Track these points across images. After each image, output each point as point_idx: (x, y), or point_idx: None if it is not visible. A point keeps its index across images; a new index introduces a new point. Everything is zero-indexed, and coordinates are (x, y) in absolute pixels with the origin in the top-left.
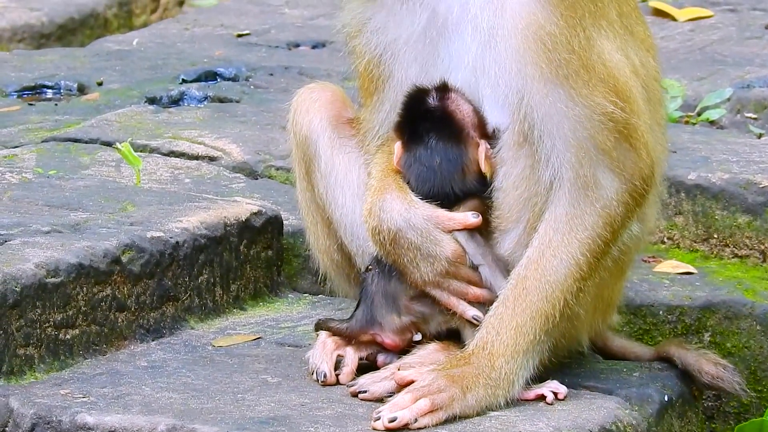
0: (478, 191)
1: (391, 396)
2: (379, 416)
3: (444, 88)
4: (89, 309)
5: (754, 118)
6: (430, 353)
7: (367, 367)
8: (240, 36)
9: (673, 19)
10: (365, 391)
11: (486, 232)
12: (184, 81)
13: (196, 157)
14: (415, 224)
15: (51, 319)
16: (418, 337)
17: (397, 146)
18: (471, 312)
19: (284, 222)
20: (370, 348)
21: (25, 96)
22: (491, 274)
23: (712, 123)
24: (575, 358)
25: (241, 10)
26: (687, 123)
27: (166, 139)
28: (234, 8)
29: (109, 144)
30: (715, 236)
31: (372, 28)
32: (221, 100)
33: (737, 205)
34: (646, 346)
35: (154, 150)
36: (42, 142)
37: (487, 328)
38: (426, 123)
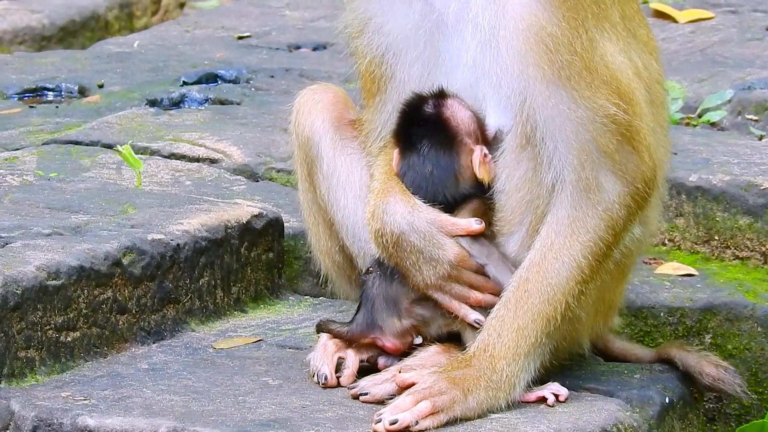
0: (476, 194)
1: (392, 398)
2: (380, 418)
3: (441, 95)
4: (90, 311)
5: (755, 120)
6: (431, 355)
7: (368, 369)
8: (241, 38)
9: (674, 21)
10: (366, 394)
11: (489, 232)
12: (185, 83)
13: (197, 160)
14: (418, 227)
15: (52, 322)
16: (419, 340)
17: (395, 153)
18: (473, 316)
19: (285, 224)
20: (371, 350)
21: (26, 98)
22: (498, 272)
23: (712, 125)
24: (576, 360)
25: (242, 12)
26: (688, 125)
27: (167, 141)
28: (235, 10)
29: (110, 146)
30: (716, 238)
31: (374, 28)
32: (222, 103)
33: (738, 207)
34: (647, 348)
35: (154, 152)
36: (43, 144)
37: (489, 330)
38: (420, 130)
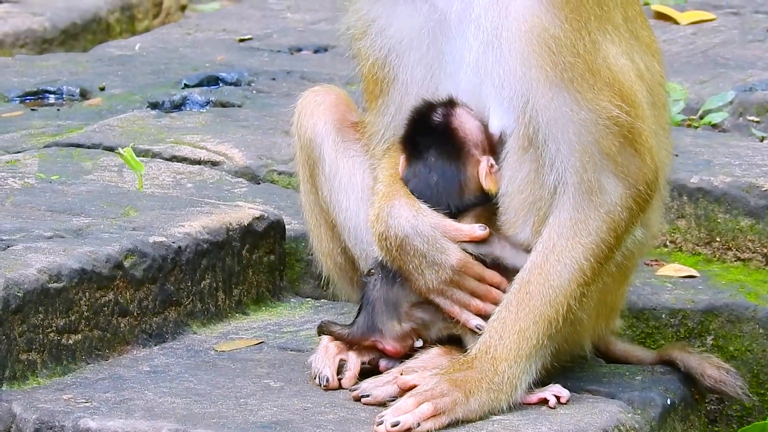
0: (480, 204)
1: (393, 400)
2: (382, 420)
3: (450, 104)
4: (92, 314)
5: (757, 122)
6: (432, 357)
7: (369, 371)
8: (242, 41)
9: (676, 23)
10: (368, 396)
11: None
12: (187, 86)
13: (199, 162)
14: (422, 231)
15: (53, 324)
16: (420, 344)
17: (402, 159)
18: (474, 321)
19: (286, 226)
20: (372, 353)
21: (27, 101)
22: (517, 261)
23: (714, 126)
24: (578, 362)
25: (243, 14)
26: (689, 126)
27: (169, 143)
28: (236, 13)
29: (111, 149)
30: (718, 239)
31: (376, 30)
32: (223, 105)
33: (739, 209)
34: (648, 349)
35: (156, 155)
36: (44, 147)
37: (490, 332)
38: (427, 139)
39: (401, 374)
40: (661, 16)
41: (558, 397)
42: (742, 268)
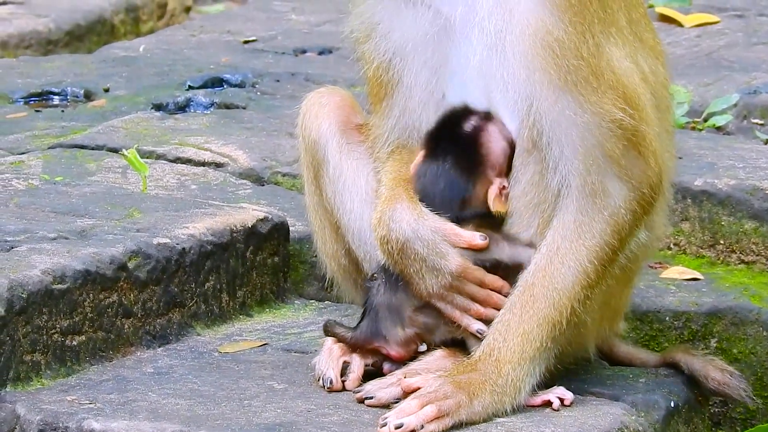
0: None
1: (397, 402)
2: (386, 422)
3: (487, 117)
4: (96, 315)
5: (761, 124)
6: (436, 360)
7: (373, 373)
8: (246, 42)
9: (680, 25)
10: (372, 397)
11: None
12: (191, 87)
13: (203, 164)
14: (423, 236)
15: (57, 326)
16: (423, 348)
17: (420, 154)
18: (475, 326)
19: (290, 228)
20: (376, 356)
21: (31, 102)
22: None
23: (718, 129)
24: (581, 365)
25: (248, 16)
26: (693, 129)
27: (173, 145)
28: (240, 15)
29: (115, 150)
30: (722, 242)
31: (380, 34)
32: (228, 107)
33: (744, 211)
34: (652, 352)
35: (160, 156)
36: (48, 148)
37: (494, 334)
38: (450, 144)
39: (405, 376)
40: (666, 19)
41: (562, 400)
42: (746, 270)
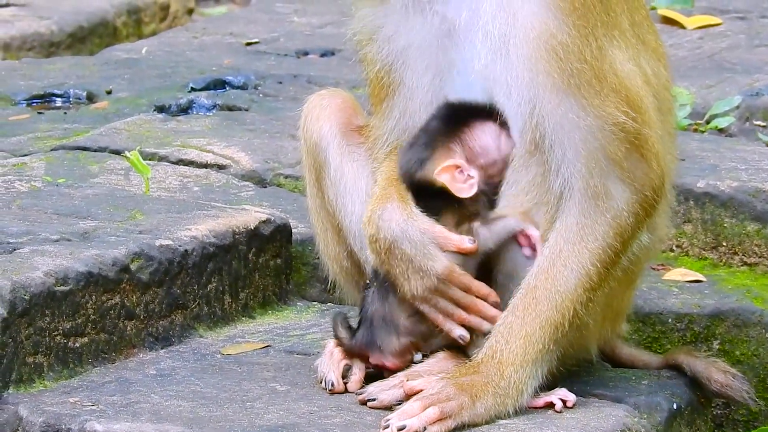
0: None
1: (399, 404)
2: (388, 424)
3: (489, 112)
4: (98, 317)
5: (763, 126)
6: (438, 361)
7: (375, 375)
8: (249, 44)
9: (682, 27)
10: (374, 399)
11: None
12: (193, 89)
13: (205, 166)
14: (411, 236)
15: (60, 327)
16: (419, 357)
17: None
18: (458, 331)
19: (293, 230)
20: (371, 365)
21: (34, 104)
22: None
23: (720, 131)
24: (584, 366)
25: (250, 18)
26: (696, 131)
27: (175, 147)
28: (243, 17)
29: (118, 152)
30: (724, 244)
31: (383, 37)
32: (230, 109)
33: (746, 213)
34: (654, 354)
35: (162, 158)
36: (51, 150)
37: (497, 336)
38: (445, 114)
39: (407, 379)
40: (668, 21)
41: (564, 401)
42: (749, 272)
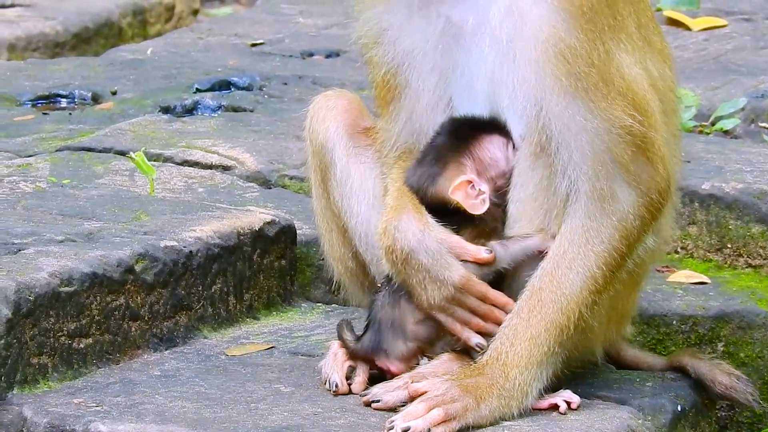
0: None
1: (404, 405)
2: (393, 425)
3: (497, 127)
4: (103, 318)
5: None
6: (443, 363)
7: (379, 377)
8: (254, 45)
9: (687, 29)
10: (378, 401)
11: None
12: (198, 90)
13: (210, 167)
14: (428, 246)
15: (64, 328)
16: (425, 362)
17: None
18: (475, 339)
19: (297, 231)
20: (376, 369)
21: (39, 105)
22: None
23: (726, 133)
24: (588, 368)
25: (255, 19)
26: (701, 133)
27: (180, 148)
28: (248, 18)
29: (123, 153)
30: (729, 246)
31: (389, 40)
32: (235, 110)
33: (751, 215)
34: (659, 356)
35: (167, 159)
36: (56, 151)
37: (502, 338)
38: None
39: (412, 380)
40: (673, 22)
41: (569, 403)
42: (753, 274)
